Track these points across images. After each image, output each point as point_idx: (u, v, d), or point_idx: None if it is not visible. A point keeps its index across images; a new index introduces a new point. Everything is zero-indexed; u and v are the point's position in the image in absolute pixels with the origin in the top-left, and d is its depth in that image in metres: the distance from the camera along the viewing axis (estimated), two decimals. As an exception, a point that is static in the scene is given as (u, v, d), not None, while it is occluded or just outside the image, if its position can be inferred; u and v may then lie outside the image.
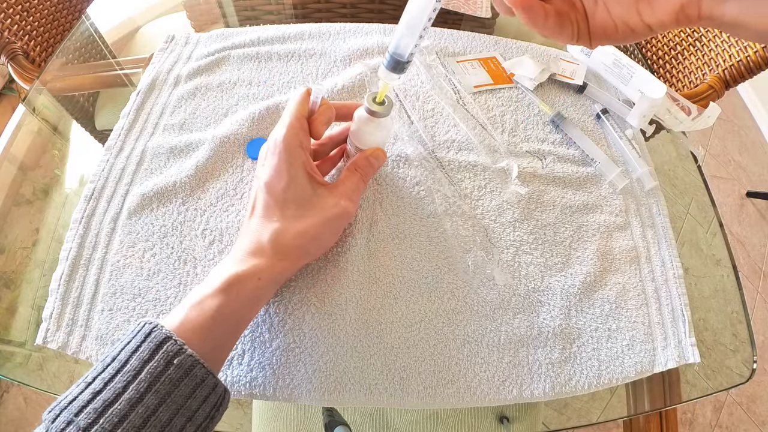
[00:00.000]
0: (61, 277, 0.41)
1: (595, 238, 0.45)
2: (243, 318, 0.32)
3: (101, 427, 0.25)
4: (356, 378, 0.37)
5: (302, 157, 0.35)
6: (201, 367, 0.28)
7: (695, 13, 0.24)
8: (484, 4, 0.66)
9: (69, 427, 0.25)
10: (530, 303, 0.41)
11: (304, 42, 0.57)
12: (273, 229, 0.34)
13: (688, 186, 0.57)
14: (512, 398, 0.38)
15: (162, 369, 0.27)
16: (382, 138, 0.40)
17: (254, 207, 0.36)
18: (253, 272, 0.32)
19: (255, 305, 0.33)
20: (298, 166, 0.35)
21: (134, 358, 0.27)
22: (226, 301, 0.31)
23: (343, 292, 0.40)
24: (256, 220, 0.35)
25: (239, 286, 0.32)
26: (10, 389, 1.10)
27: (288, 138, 0.35)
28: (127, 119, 0.50)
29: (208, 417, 0.29)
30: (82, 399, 0.26)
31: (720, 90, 0.74)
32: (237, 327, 0.32)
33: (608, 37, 0.27)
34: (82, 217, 0.44)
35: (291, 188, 0.35)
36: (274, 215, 0.34)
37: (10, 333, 0.47)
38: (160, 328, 0.28)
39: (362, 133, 0.39)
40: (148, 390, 0.26)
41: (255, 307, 0.33)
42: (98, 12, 0.72)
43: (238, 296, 0.31)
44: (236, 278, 0.32)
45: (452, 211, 0.45)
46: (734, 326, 0.49)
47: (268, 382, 0.37)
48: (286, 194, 0.34)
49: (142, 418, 0.25)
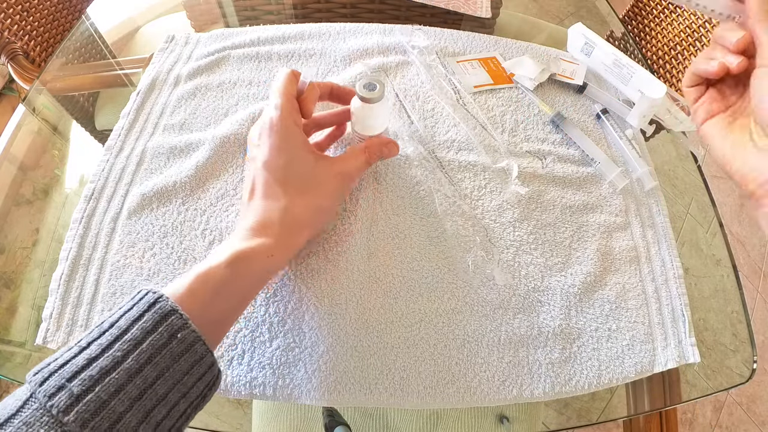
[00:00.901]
0: (61, 277, 0.41)
1: (595, 238, 0.45)
2: (247, 295, 0.32)
3: (97, 395, 0.23)
4: (356, 378, 0.37)
5: (299, 135, 0.36)
6: (202, 344, 0.27)
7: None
8: (484, 4, 0.66)
9: (60, 393, 0.23)
10: (530, 303, 0.41)
11: (304, 42, 0.57)
12: (280, 207, 0.34)
13: (688, 186, 0.57)
14: (512, 398, 0.38)
15: (165, 342, 0.26)
16: (381, 122, 0.41)
17: (254, 188, 0.35)
18: (262, 249, 0.32)
19: (261, 282, 0.33)
20: (296, 143, 0.35)
21: (136, 327, 0.26)
22: (233, 276, 0.30)
23: (343, 292, 0.40)
24: (258, 200, 0.35)
25: (247, 262, 0.31)
26: (10, 389, 1.10)
27: (283, 117, 0.35)
28: (127, 119, 0.50)
29: (200, 395, 0.28)
30: (76, 364, 0.24)
31: (720, 90, 0.73)
32: (240, 304, 0.32)
33: None
34: (82, 217, 0.44)
35: (292, 164, 0.35)
36: (278, 193, 0.34)
37: (10, 333, 0.47)
38: (165, 299, 0.27)
39: (361, 120, 0.40)
40: (149, 362, 0.25)
41: (260, 285, 0.33)
42: (98, 12, 0.72)
43: (245, 273, 0.31)
44: (243, 254, 0.31)
45: (452, 211, 0.45)
46: (734, 326, 0.49)
47: (268, 382, 0.37)
48: (287, 171, 0.35)
49: (139, 390, 0.24)
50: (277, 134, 0.35)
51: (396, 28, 0.59)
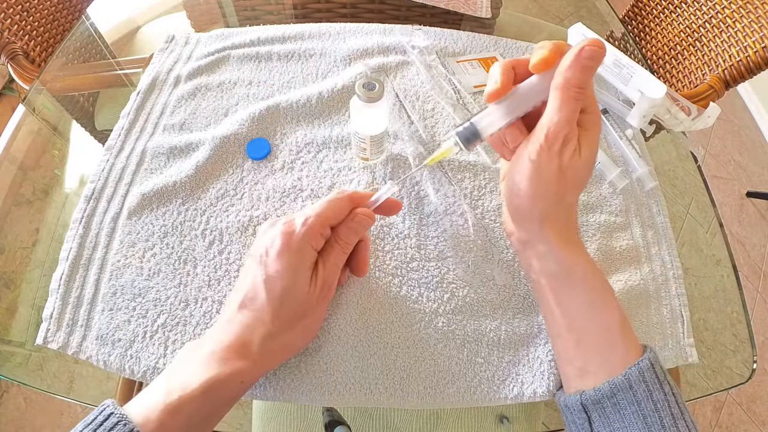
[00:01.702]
0: (61, 277, 0.41)
1: (595, 238, 0.45)
2: (214, 419, 0.32)
3: None
4: (356, 378, 0.37)
5: (310, 259, 0.34)
6: None
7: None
8: (484, 4, 0.66)
9: None
10: (530, 303, 0.41)
11: (304, 42, 0.57)
12: (264, 332, 0.32)
13: (688, 186, 0.57)
14: (513, 398, 0.38)
15: None
16: (380, 122, 0.41)
17: (246, 297, 0.33)
18: (237, 375, 0.31)
19: (230, 405, 0.32)
20: (304, 268, 0.33)
21: None
22: (204, 404, 0.30)
23: (343, 292, 0.40)
24: (247, 314, 0.33)
25: (221, 391, 0.30)
26: (10, 389, 1.10)
27: (305, 239, 0.33)
28: (127, 119, 0.50)
29: None
30: None
31: (720, 90, 0.74)
32: (208, 426, 0.31)
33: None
34: (82, 217, 0.44)
35: (292, 289, 0.33)
36: (268, 315, 0.33)
37: (10, 333, 0.47)
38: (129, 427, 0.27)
39: (360, 120, 0.40)
40: None
41: (228, 408, 0.33)
42: (98, 12, 0.72)
43: (216, 399, 0.30)
44: (219, 382, 0.30)
45: (452, 210, 0.45)
46: (734, 326, 0.49)
47: (269, 382, 0.37)
48: (284, 294, 0.33)
49: None
50: (291, 255, 0.33)
51: (396, 28, 0.59)
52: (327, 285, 0.35)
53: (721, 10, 0.75)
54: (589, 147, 0.32)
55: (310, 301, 0.34)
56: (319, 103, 0.51)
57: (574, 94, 0.30)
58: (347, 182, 0.46)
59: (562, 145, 0.31)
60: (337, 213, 0.35)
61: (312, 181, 0.46)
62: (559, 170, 0.32)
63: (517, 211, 0.36)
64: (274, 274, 0.32)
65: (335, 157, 0.48)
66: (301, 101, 0.50)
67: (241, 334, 0.32)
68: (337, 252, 0.35)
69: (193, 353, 0.32)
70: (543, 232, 0.34)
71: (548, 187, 0.33)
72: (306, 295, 0.33)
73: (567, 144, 0.31)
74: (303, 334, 0.35)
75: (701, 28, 0.76)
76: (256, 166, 0.47)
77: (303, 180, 0.46)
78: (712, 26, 0.75)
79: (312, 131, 0.50)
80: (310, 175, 0.47)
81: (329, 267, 0.35)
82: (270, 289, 0.33)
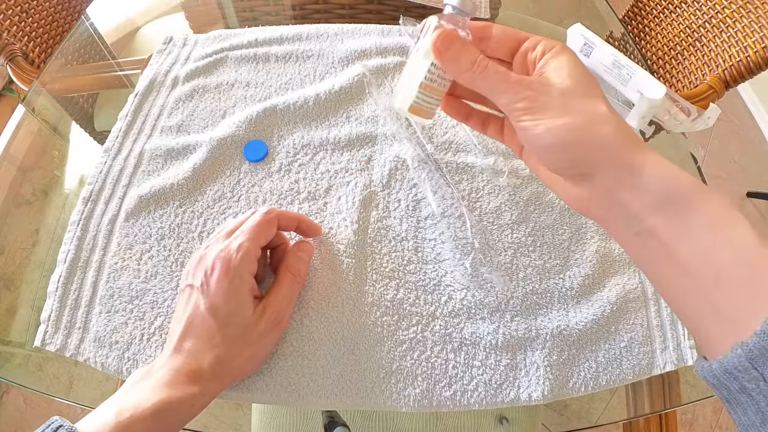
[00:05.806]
0: (59, 279, 0.41)
1: (594, 240, 0.45)
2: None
3: None
4: (353, 381, 0.37)
5: (249, 283, 0.34)
6: None
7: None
8: (482, 4, 0.66)
9: None
10: (528, 305, 0.41)
11: (302, 43, 0.57)
12: (214, 355, 0.33)
13: (687, 187, 0.56)
14: (510, 401, 0.38)
15: None
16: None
17: (191, 325, 0.33)
18: (187, 399, 0.31)
19: (179, 428, 0.32)
20: (245, 292, 0.34)
21: None
22: (155, 424, 0.30)
23: (340, 295, 0.40)
24: (194, 341, 0.33)
25: (171, 413, 0.31)
26: (10, 390, 1.10)
27: (243, 264, 0.34)
28: (125, 121, 0.50)
29: None
30: None
31: (720, 90, 0.73)
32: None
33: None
34: (80, 219, 0.44)
35: (236, 314, 0.34)
36: (215, 339, 0.33)
37: (9, 334, 0.47)
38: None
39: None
40: None
41: (177, 430, 0.33)
42: (97, 12, 0.73)
43: (167, 420, 0.31)
44: (169, 405, 0.30)
45: (450, 213, 0.44)
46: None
47: (266, 385, 0.37)
48: (228, 319, 0.33)
49: None
50: (232, 281, 0.33)
51: (394, 29, 0.59)
52: (277, 316, 0.35)
53: (721, 10, 0.75)
54: (564, 62, 0.28)
55: (257, 328, 0.34)
56: (316, 105, 0.51)
57: None
58: (344, 184, 0.46)
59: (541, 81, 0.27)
60: (268, 235, 0.36)
61: (309, 184, 0.46)
62: (561, 96, 0.27)
63: (571, 162, 0.28)
64: (217, 299, 0.33)
65: (332, 159, 0.48)
66: (298, 103, 0.50)
67: (191, 361, 0.33)
68: (289, 281, 0.37)
69: (144, 379, 0.33)
70: (615, 156, 0.26)
71: (570, 109, 0.27)
72: (250, 319, 0.34)
73: (543, 73, 0.28)
74: (250, 361, 0.35)
75: (701, 28, 0.76)
76: (253, 169, 0.47)
77: (300, 182, 0.46)
78: (712, 26, 0.74)
79: (309, 133, 0.49)
80: (307, 177, 0.47)
81: (280, 298, 0.35)
82: (215, 314, 0.33)
